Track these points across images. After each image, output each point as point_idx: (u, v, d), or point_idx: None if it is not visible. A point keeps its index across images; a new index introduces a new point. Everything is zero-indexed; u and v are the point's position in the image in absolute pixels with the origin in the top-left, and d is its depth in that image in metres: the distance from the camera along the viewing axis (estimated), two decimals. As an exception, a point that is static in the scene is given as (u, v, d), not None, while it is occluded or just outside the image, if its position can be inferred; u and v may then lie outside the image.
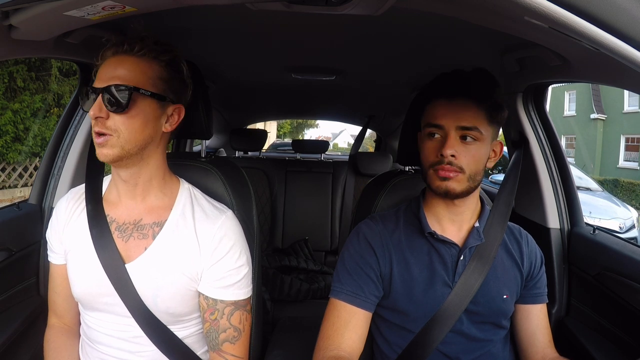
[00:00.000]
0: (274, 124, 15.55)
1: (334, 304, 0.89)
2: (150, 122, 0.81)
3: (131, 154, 0.80)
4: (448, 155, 0.82)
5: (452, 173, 0.83)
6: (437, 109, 0.86)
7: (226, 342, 0.87)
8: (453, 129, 0.83)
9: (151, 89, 0.80)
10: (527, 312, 0.95)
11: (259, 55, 1.39)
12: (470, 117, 0.83)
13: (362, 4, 0.73)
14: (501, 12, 0.60)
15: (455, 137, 0.83)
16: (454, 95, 0.85)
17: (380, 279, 0.90)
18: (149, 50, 0.80)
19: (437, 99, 0.87)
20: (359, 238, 0.93)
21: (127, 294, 0.83)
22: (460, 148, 0.83)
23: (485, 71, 0.87)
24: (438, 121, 0.85)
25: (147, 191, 0.87)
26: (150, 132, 0.81)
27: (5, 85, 5.92)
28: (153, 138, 0.83)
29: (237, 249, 0.88)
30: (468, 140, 0.84)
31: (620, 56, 0.53)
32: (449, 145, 0.82)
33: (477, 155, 0.84)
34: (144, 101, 0.79)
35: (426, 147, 0.87)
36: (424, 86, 0.96)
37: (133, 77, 0.78)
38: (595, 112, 15.28)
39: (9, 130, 5.97)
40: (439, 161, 0.84)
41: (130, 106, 0.77)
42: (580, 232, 1.19)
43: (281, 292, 1.99)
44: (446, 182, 0.84)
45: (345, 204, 2.48)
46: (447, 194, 0.85)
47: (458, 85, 0.85)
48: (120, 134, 0.77)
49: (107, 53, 0.80)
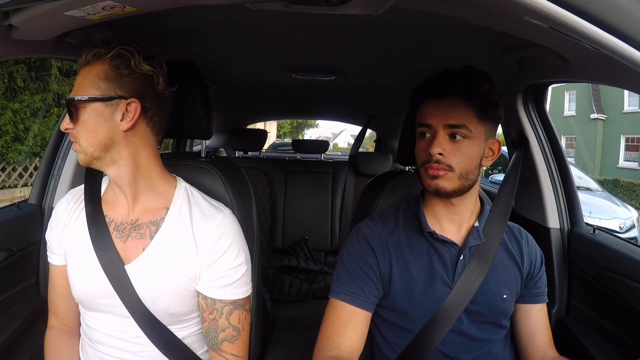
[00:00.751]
0: (274, 124, 15.55)
1: (334, 304, 0.89)
2: (101, 125, 0.80)
3: (98, 157, 0.82)
4: (435, 154, 0.83)
5: (441, 171, 0.83)
6: (427, 109, 0.87)
7: (225, 341, 0.87)
8: (441, 128, 0.84)
9: (92, 93, 0.79)
10: (527, 312, 0.95)
11: (259, 55, 1.39)
12: (458, 115, 0.83)
13: (362, 4, 0.73)
14: (501, 12, 0.60)
15: (443, 136, 0.84)
16: (442, 94, 0.85)
17: (380, 279, 0.90)
18: (94, 54, 0.80)
19: (428, 98, 0.88)
20: (359, 238, 0.93)
21: (126, 295, 0.83)
22: (449, 146, 0.84)
23: (473, 68, 0.87)
24: (427, 120, 0.86)
25: (135, 191, 0.87)
26: (104, 133, 0.80)
27: (5, 85, 5.92)
28: (113, 139, 0.81)
29: (235, 248, 0.88)
30: (457, 138, 0.84)
31: (620, 56, 0.53)
32: (436, 144, 0.83)
33: (467, 153, 0.84)
34: (85, 107, 0.80)
35: (418, 147, 0.89)
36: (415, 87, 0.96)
37: (77, 87, 0.81)
38: (595, 112, 15.28)
39: (9, 130, 5.97)
40: (428, 160, 0.84)
41: (75, 116, 0.80)
42: (580, 232, 1.19)
43: (281, 292, 1.99)
44: (435, 180, 0.84)
45: (345, 204, 2.48)
46: (438, 192, 0.85)
47: (445, 84, 0.85)
48: (79, 141, 0.82)
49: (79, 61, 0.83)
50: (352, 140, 4.88)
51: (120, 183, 0.86)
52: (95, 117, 0.80)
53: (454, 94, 0.84)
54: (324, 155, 2.98)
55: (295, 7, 0.75)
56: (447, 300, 0.86)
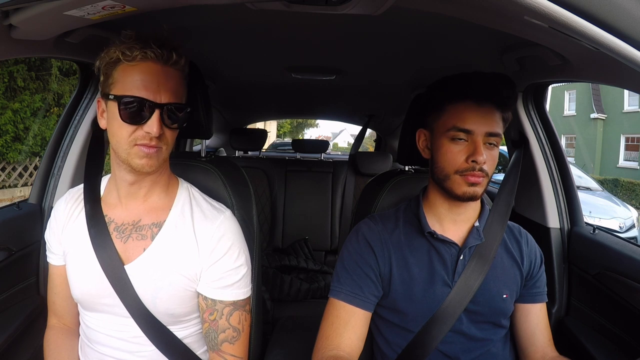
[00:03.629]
0: (274, 123, 15.55)
1: (333, 304, 0.89)
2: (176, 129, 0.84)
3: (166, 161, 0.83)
4: (482, 162, 0.82)
5: (481, 179, 0.83)
6: (466, 113, 0.84)
7: (225, 342, 0.87)
8: (481, 135, 0.83)
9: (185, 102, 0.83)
10: (526, 311, 0.95)
11: (258, 55, 1.39)
12: (496, 124, 0.84)
13: (361, 3, 0.73)
14: (501, 11, 0.60)
15: (482, 143, 0.83)
16: (483, 99, 0.84)
17: (380, 278, 0.90)
18: (186, 63, 0.82)
19: (463, 100, 0.85)
20: (358, 238, 0.93)
21: (126, 295, 0.83)
22: (486, 153, 0.83)
23: (509, 79, 0.86)
24: (468, 126, 0.83)
25: (151, 192, 0.88)
26: (175, 137, 0.84)
27: (5, 84, 5.92)
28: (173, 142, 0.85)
29: (235, 249, 0.88)
30: (492, 146, 0.85)
31: (620, 56, 0.53)
32: (480, 152, 0.82)
33: (496, 159, 0.86)
34: (182, 114, 0.82)
35: (450, 151, 0.85)
36: (437, 83, 0.92)
37: (182, 94, 0.81)
38: (595, 112, 15.28)
39: (9, 129, 5.97)
40: (470, 167, 0.83)
41: (172, 121, 0.80)
42: (580, 231, 1.19)
43: (281, 291, 1.99)
44: (474, 187, 0.84)
45: (345, 203, 2.48)
46: (472, 198, 0.85)
47: (487, 90, 0.83)
48: (168, 146, 0.81)
49: (135, 54, 0.75)
50: (352, 139, 4.88)
51: (142, 184, 0.86)
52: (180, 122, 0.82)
53: (494, 101, 0.84)
54: (323, 154, 2.98)
55: (295, 6, 0.75)
56: (447, 300, 0.86)
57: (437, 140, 0.88)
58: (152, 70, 0.76)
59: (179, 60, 0.79)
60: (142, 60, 0.76)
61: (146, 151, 0.78)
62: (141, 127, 0.76)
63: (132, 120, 0.76)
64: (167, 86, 0.77)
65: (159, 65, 0.77)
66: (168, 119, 0.78)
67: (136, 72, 0.76)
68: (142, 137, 0.77)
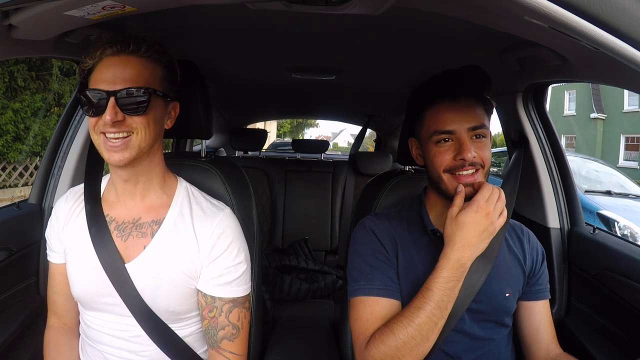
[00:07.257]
0: (274, 123, 15.54)
1: (364, 302, 0.86)
2: (159, 121, 0.84)
3: (143, 153, 0.82)
4: (470, 159, 0.82)
5: (472, 172, 0.84)
6: (444, 114, 0.85)
7: (225, 339, 0.87)
8: (464, 132, 0.84)
9: (160, 89, 0.82)
10: (530, 309, 0.95)
11: (258, 55, 1.39)
12: (477, 117, 0.84)
13: (361, 3, 0.72)
14: (501, 11, 0.60)
15: (468, 139, 0.84)
16: (457, 95, 0.85)
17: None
18: (154, 51, 0.82)
19: (440, 102, 0.86)
20: (369, 232, 0.92)
21: (127, 294, 0.83)
22: (475, 146, 0.84)
23: (477, 67, 0.88)
24: (448, 127, 0.84)
25: (147, 189, 0.88)
26: (158, 130, 0.84)
27: (6, 84, 5.93)
28: (159, 136, 0.86)
29: (235, 246, 0.89)
30: (480, 138, 0.85)
31: (620, 56, 0.53)
32: (467, 149, 0.82)
33: (488, 146, 0.86)
34: (156, 101, 0.82)
35: (436, 153, 0.86)
36: (413, 92, 0.95)
37: (145, 78, 0.80)
38: (595, 112, 15.28)
39: (9, 129, 5.97)
40: (460, 165, 0.83)
41: (148, 108, 0.79)
42: (580, 231, 1.19)
43: (281, 291, 1.99)
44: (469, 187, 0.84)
45: (345, 203, 2.48)
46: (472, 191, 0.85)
47: (458, 85, 0.85)
48: (138, 133, 0.79)
49: (106, 51, 0.79)
50: (352, 139, 4.87)
51: (137, 180, 0.86)
52: (159, 113, 0.83)
53: (468, 95, 0.84)
54: (324, 154, 2.98)
55: (295, 6, 0.75)
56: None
57: (425, 147, 0.90)
58: (110, 63, 0.79)
59: (137, 48, 0.80)
60: (101, 57, 0.80)
61: (112, 144, 0.78)
62: (102, 117, 0.78)
63: (93, 113, 0.78)
64: (123, 74, 0.78)
65: (116, 57, 0.79)
66: (127, 103, 0.77)
67: (97, 71, 0.80)
68: (104, 125, 0.78)
